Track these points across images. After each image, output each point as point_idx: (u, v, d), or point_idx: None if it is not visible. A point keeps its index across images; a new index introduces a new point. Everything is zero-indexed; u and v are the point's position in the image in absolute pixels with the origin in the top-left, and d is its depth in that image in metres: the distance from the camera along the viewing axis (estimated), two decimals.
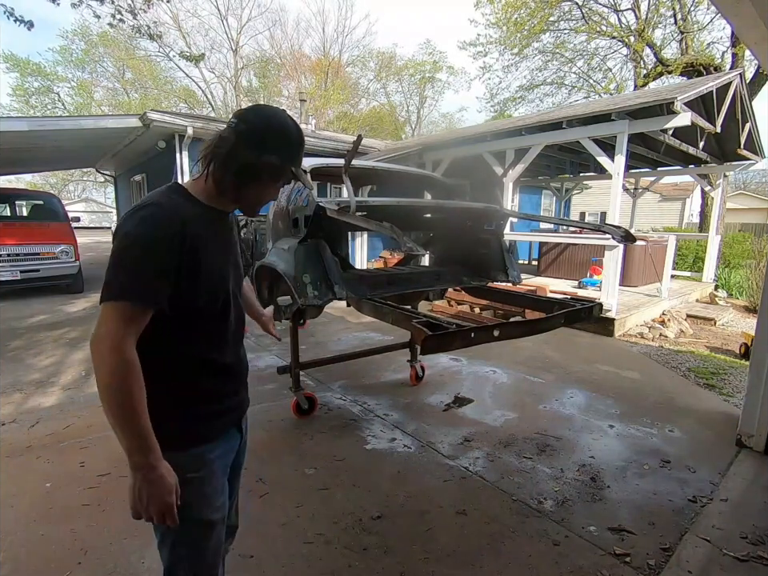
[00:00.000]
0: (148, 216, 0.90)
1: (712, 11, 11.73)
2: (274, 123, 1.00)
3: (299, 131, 1.04)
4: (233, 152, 0.96)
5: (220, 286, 1.04)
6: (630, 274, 7.23)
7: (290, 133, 1.01)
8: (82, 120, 7.81)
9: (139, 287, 0.87)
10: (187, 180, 1.05)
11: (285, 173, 1.03)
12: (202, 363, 1.03)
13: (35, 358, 4.21)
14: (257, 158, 0.96)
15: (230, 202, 1.06)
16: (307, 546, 1.89)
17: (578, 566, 1.80)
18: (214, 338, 1.05)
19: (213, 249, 1.00)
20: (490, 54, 15.68)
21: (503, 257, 3.01)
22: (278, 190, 1.08)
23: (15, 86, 22.18)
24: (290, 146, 1.02)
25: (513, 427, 3.03)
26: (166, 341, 0.97)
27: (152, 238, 0.88)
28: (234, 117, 0.99)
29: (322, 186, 8.15)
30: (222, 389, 1.09)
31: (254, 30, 31.61)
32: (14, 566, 1.74)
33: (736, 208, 19.65)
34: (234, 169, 0.97)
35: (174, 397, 1.00)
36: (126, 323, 0.86)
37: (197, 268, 0.95)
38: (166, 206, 0.94)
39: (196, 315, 0.99)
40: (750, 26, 2.29)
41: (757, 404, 2.71)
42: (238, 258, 1.16)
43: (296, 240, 2.34)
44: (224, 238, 1.08)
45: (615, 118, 5.33)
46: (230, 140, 0.96)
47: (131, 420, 0.86)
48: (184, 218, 0.93)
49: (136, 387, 0.86)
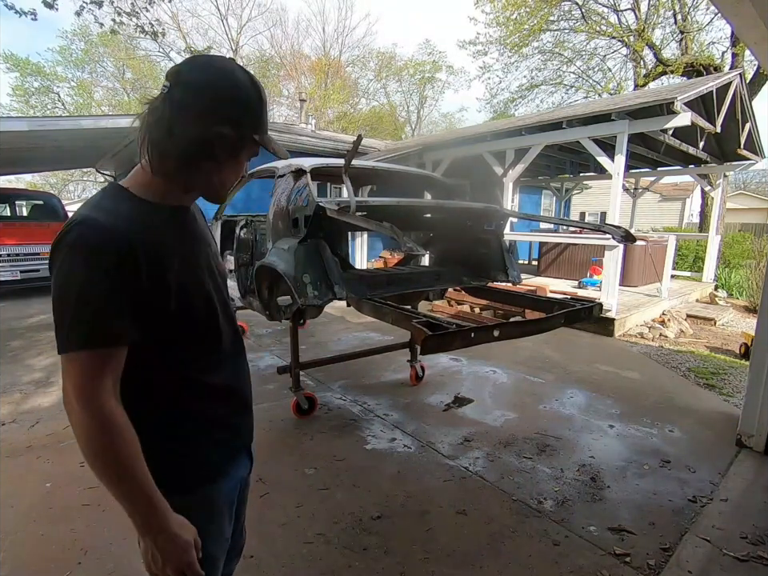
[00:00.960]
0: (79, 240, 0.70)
1: (712, 11, 11.74)
2: (220, 81, 0.76)
3: (256, 86, 0.80)
4: (170, 127, 0.74)
5: (195, 296, 0.85)
6: (630, 274, 7.24)
7: (243, 90, 0.78)
8: (82, 120, 7.79)
9: (93, 328, 0.70)
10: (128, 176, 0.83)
11: (245, 143, 0.81)
12: (194, 389, 0.88)
13: (35, 358, 4.21)
14: (203, 131, 0.75)
15: (182, 191, 0.84)
16: (307, 545, 1.89)
17: (578, 566, 1.80)
18: (203, 357, 0.89)
19: (176, 255, 0.81)
20: (489, 54, 15.71)
21: (503, 257, 3.01)
22: (242, 164, 0.86)
23: (15, 85, 22.17)
24: (245, 109, 0.79)
25: (513, 427, 3.03)
26: (150, 372, 0.83)
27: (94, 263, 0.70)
28: (167, 78, 0.75)
29: (321, 186, 8.15)
30: (221, 414, 0.94)
31: (253, 30, 31.53)
32: (14, 566, 1.74)
33: (736, 208, 19.64)
34: (177, 150, 0.75)
35: (167, 434, 0.86)
36: (93, 374, 0.71)
37: (162, 282, 0.77)
38: (101, 218, 0.73)
39: (176, 337, 0.83)
40: (750, 26, 2.29)
41: (757, 404, 2.71)
42: (213, 258, 0.94)
43: (296, 240, 2.34)
44: (187, 238, 0.88)
45: (615, 117, 5.33)
46: (164, 112, 0.74)
47: (124, 479, 0.73)
48: (128, 226, 0.74)
49: (122, 442, 0.72)
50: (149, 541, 0.76)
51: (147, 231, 0.77)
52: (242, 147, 0.82)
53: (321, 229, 2.32)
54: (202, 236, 0.94)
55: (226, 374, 0.95)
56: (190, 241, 0.89)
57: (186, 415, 0.88)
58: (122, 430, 0.73)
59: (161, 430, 0.85)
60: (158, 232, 0.79)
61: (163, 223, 0.82)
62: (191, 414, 0.89)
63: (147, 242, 0.76)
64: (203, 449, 0.91)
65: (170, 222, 0.84)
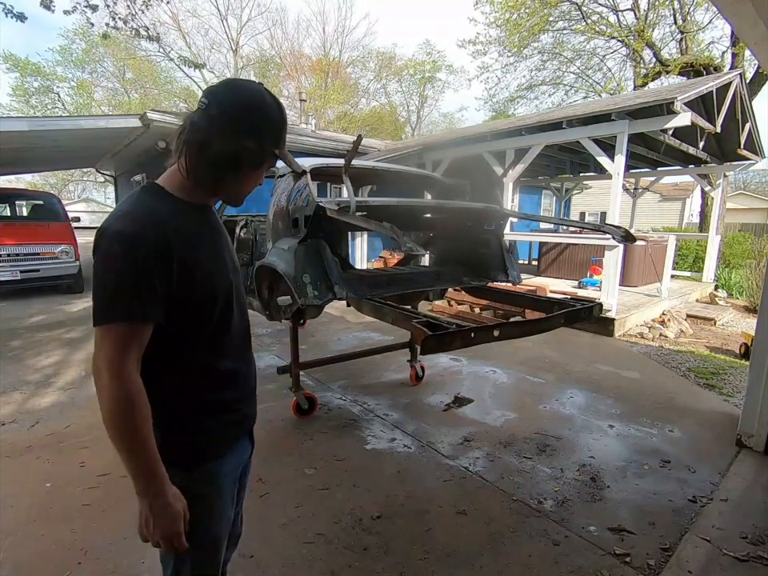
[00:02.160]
0: (123, 228, 0.82)
1: (712, 11, 11.73)
2: (250, 102, 0.88)
3: (280, 108, 0.92)
4: (206, 139, 0.85)
5: (219, 286, 0.96)
6: (629, 274, 7.23)
7: (269, 112, 0.90)
8: (82, 120, 7.80)
9: (130, 305, 0.80)
10: (163, 175, 0.95)
11: (266, 158, 0.93)
12: (207, 373, 0.97)
13: (35, 358, 4.21)
14: (234, 144, 0.86)
15: (210, 195, 0.97)
16: (307, 545, 1.89)
17: (578, 566, 1.80)
18: (218, 344, 0.98)
19: (204, 247, 0.94)
20: (489, 54, 15.69)
21: (503, 257, 3.01)
22: (261, 175, 0.98)
23: (15, 86, 22.19)
24: (270, 127, 0.91)
25: (513, 427, 3.03)
26: (167, 353, 0.91)
27: (133, 250, 0.80)
28: (205, 96, 0.87)
29: (321, 186, 8.15)
30: (230, 398, 1.02)
31: (253, 30, 31.58)
32: (14, 566, 1.74)
33: (736, 208, 19.64)
34: (210, 158, 0.87)
35: (179, 411, 0.95)
36: (124, 346, 0.81)
37: (190, 272, 0.87)
38: (141, 212, 0.86)
39: (196, 322, 0.92)
40: (750, 26, 2.29)
41: (757, 404, 2.71)
42: (232, 252, 1.07)
43: (296, 240, 2.34)
44: (213, 233, 1.00)
45: (615, 118, 5.33)
46: (202, 125, 0.86)
47: (136, 448, 0.82)
48: (165, 220, 0.86)
49: (140, 414, 0.82)
50: (145, 504, 0.85)
51: (180, 224, 0.89)
52: (264, 161, 0.94)
53: (321, 229, 2.32)
54: (221, 230, 1.05)
55: (236, 360, 1.04)
56: (214, 234, 1.00)
57: (198, 396, 0.97)
58: (143, 400, 0.83)
59: (174, 407, 0.94)
60: (189, 225, 0.91)
61: (194, 218, 0.94)
62: (202, 396, 0.97)
63: (180, 234, 0.87)
64: (211, 428, 0.99)
65: (199, 217, 0.96)
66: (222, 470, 1.01)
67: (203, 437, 0.98)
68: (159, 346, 0.88)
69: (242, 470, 1.15)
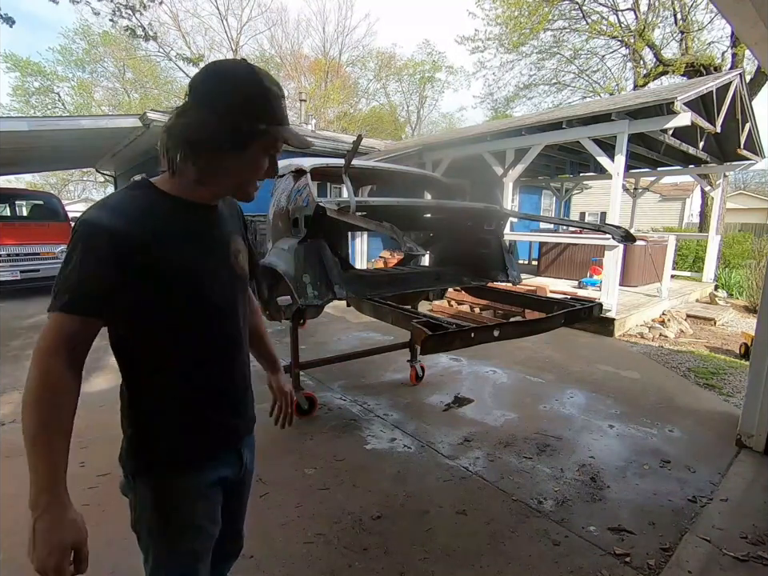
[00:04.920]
0: (89, 217, 0.79)
1: (712, 11, 11.72)
2: (219, 75, 0.82)
3: (257, 78, 0.82)
4: (199, 130, 0.79)
5: (194, 290, 0.87)
6: (629, 274, 7.23)
7: (241, 82, 0.81)
8: (82, 120, 7.79)
9: (73, 297, 0.76)
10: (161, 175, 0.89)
11: (253, 137, 0.83)
12: (185, 382, 0.91)
13: None
14: (199, 119, 0.79)
15: (196, 185, 0.87)
16: (307, 545, 1.89)
17: (578, 566, 1.80)
18: (194, 352, 0.91)
19: (182, 247, 0.85)
20: (488, 50, 15.60)
21: (503, 257, 3.01)
22: (256, 159, 0.87)
23: (15, 85, 22.16)
24: (245, 99, 0.81)
25: (513, 427, 3.03)
26: (140, 356, 0.88)
27: (93, 239, 0.77)
28: (190, 85, 0.82)
29: (321, 186, 8.16)
30: (207, 412, 0.95)
31: (253, 30, 31.59)
32: (14, 567, 1.74)
33: (736, 208, 19.65)
34: (206, 150, 0.81)
35: (151, 419, 0.90)
36: (60, 337, 0.76)
37: (153, 268, 0.81)
38: (116, 203, 0.82)
39: (166, 326, 0.86)
40: (750, 26, 2.29)
41: (757, 404, 2.71)
42: (229, 259, 0.96)
43: (296, 240, 2.34)
44: (203, 234, 0.91)
45: (615, 118, 5.33)
46: (191, 116, 0.80)
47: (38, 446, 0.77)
48: (139, 214, 0.81)
49: (55, 412, 0.77)
50: (32, 518, 0.76)
51: (162, 221, 0.84)
52: (250, 138, 0.82)
53: (321, 229, 2.32)
54: (225, 232, 0.96)
55: (212, 372, 0.94)
56: (202, 232, 0.91)
57: (175, 407, 0.91)
58: (59, 396, 0.77)
59: (140, 414, 0.91)
60: (174, 223, 0.85)
61: (186, 216, 0.88)
62: (179, 407, 0.91)
63: (156, 230, 0.82)
64: (178, 439, 0.92)
65: (193, 216, 0.89)
66: (197, 482, 0.94)
67: (175, 447, 0.92)
68: (133, 347, 0.87)
69: (239, 486, 1.08)
